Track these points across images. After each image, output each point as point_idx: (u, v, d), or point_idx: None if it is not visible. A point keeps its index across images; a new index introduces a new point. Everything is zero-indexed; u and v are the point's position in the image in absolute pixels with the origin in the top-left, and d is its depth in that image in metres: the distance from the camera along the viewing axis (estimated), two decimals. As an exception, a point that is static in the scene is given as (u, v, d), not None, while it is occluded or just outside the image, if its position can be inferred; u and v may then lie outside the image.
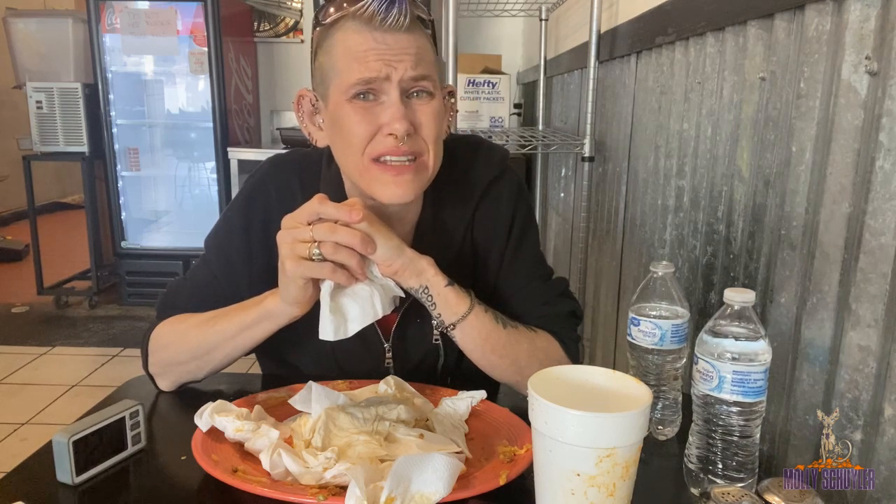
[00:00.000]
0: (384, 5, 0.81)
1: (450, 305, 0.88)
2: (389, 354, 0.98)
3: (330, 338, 0.81)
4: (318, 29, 0.89)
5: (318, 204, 0.80)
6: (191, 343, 0.92)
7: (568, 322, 1.00)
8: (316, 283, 0.83)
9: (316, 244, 0.79)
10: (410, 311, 0.94)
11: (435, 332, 0.96)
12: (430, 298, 0.87)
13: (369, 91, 0.84)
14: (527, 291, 1.00)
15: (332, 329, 0.81)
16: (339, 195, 0.95)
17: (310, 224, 0.80)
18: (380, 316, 0.83)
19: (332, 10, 0.85)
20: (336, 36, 0.85)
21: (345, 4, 0.84)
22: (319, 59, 0.88)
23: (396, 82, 0.83)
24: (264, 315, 0.87)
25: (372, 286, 0.84)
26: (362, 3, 0.82)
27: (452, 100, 0.97)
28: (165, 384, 0.96)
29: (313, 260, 0.79)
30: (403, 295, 0.88)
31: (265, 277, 0.90)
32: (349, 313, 0.82)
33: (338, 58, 0.85)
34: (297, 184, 0.97)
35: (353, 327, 0.82)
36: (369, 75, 0.82)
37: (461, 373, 1.00)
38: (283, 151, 1.04)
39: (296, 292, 0.82)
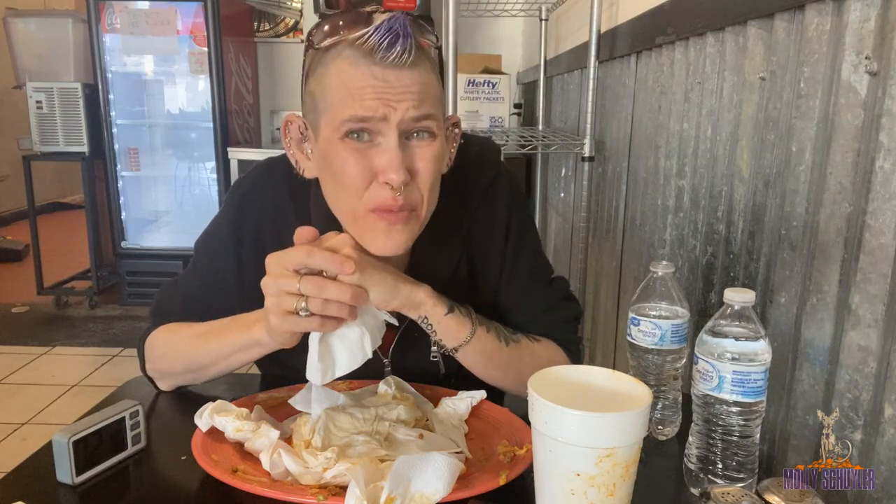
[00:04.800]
0: (386, 40, 0.73)
1: (451, 332, 0.86)
2: (388, 370, 0.97)
3: (317, 382, 0.77)
4: (310, 52, 0.81)
5: (305, 255, 0.73)
6: (183, 357, 0.92)
7: (569, 326, 0.99)
8: None
9: (304, 298, 0.73)
10: (409, 326, 0.92)
11: (433, 349, 0.94)
12: (430, 327, 0.85)
13: (364, 130, 0.77)
14: (527, 299, 0.98)
15: (320, 374, 0.77)
16: (328, 216, 0.89)
17: (297, 271, 0.74)
18: (369, 357, 0.79)
19: (327, 31, 0.77)
20: (330, 65, 0.77)
21: (342, 30, 0.76)
22: (311, 86, 0.81)
23: (395, 124, 0.76)
24: (253, 342, 0.84)
25: (362, 326, 0.78)
26: (363, 33, 0.74)
27: (457, 130, 0.90)
28: (164, 387, 0.96)
29: (300, 314, 0.74)
30: (396, 323, 0.86)
31: (257, 289, 0.84)
32: (337, 357, 0.78)
33: (330, 89, 0.77)
34: (288, 199, 0.93)
35: (341, 371, 0.78)
36: (364, 114, 0.75)
37: (463, 375, 0.99)
38: (277, 155, 0.98)
39: (282, 339, 0.78)
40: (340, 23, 0.77)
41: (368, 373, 0.95)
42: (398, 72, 0.75)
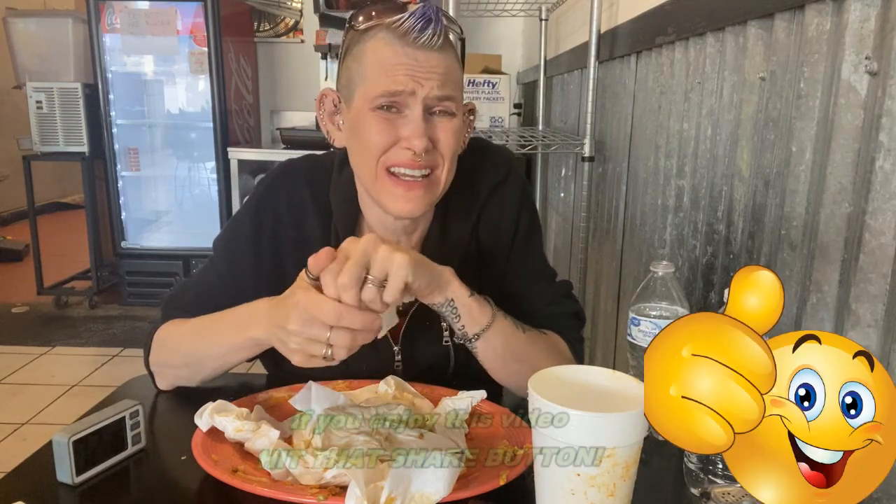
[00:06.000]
0: (420, 23, 0.83)
1: (473, 317, 0.86)
2: (399, 358, 0.98)
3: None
4: (350, 33, 0.90)
5: (336, 317, 0.72)
6: (182, 350, 0.93)
7: (573, 323, 1.01)
8: None
9: (329, 347, 0.74)
10: (418, 313, 0.94)
11: (445, 333, 0.96)
12: (454, 311, 0.85)
13: (393, 104, 0.85)
14: (533, 292, 1.00)
15: None
16: (349, 204, 0.96)
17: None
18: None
19: (366, 16, 0.87)
20: (368, 44, 0.86)
21: (378, 14, 0.85)
22: (348, 63, 0.89)
23: (421, 99, 0.84)
24: (251, 343, 0.85)
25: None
26: (398, 17, 0.84)
27: (472, 117, 0.97)
28: (163, 385, 0.96)
29: (324, 358, 0.75)
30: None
31: (272, 284, 0.88)
32: None
33: (367, 66, 0.86)
34: (307, 192, 0.98)
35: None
36: (395, 88, 0.84)
37: (469, 373, 1.00)
38: (290, 156, 1.05)
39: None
40: (376, 11, 0.86)
41: (380, 362, 0.96)
42: (427, 53, 0.84)
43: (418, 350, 0.98)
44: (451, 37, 0.89)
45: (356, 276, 0.72)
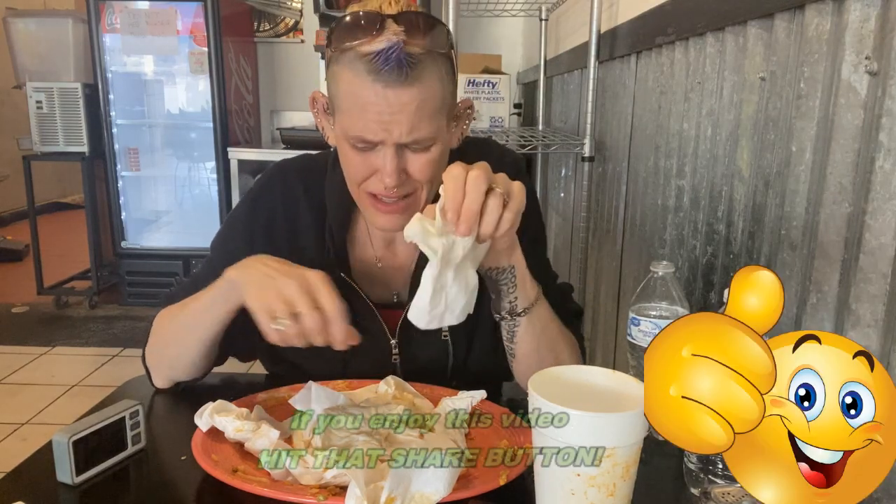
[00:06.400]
0: (385, 68, 0.79)
1: (526, 289, 0.85)
2: (396, 351, 0.98)
3: (422, 326, 0.75)
4: (327, 50, 0.87)
5: (325, 297, 0.77)
6: (170, 326, 0.94)
7: (577, 322, 1.02)
8: None
9: (288, 314, 0.76)
10: None
11: (444, 327, 0.96)
12: (512, 280, 0.83)
13: (365, 145, 0.85)
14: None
15: (426, 318, 0.74)
16: (343, 201, 0.97)
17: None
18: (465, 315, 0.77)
19: (344, 35, 0.83)
20: (343, 70, 0.83)
21: (356, 38, 0.82)
22: (329, 79, 0.88)
23: (391, 143, 0.83)
24: (226, 287, 0.84)
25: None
26: (370, 52, 0.80)
27: (469, 111, 0.95)
28: (158, 381, 0.96)
29: (275, 324, 0.77)
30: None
31: None
32: (455, 304, 0.75)
33: (343, 91, 0.84)
34: (301, 189, 0.99)
35: (450, 319, 0.76)
36: (366, 137, 0.83)
37: (467, 371, 1.00)
38: (290, 156, 1.06)
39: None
40: (352, 30, 0.82)
41: (375, 354, 0.97)
42: (398, 90, 0.81)
43: (416, 344, 0.97)
44: (437, 48, 0.84)
45: (487, 178, 0.71)
